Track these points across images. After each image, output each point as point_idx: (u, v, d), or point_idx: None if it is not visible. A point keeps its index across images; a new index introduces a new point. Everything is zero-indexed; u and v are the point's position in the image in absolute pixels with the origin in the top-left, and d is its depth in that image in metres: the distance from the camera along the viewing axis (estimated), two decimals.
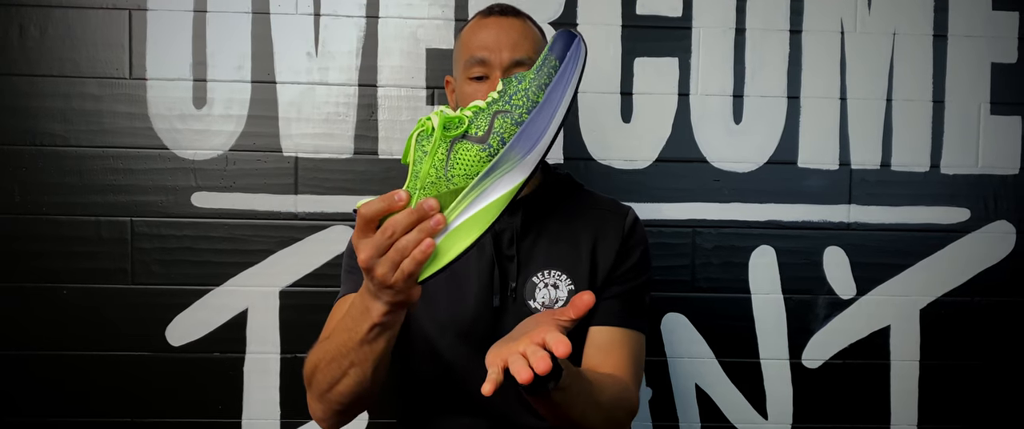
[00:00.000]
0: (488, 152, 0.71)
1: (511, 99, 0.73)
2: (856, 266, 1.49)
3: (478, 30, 1.06)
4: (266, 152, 1.42)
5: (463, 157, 0.71)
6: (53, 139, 1.39)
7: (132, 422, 1.42)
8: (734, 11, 1.46)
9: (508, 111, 0.72)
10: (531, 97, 0.73)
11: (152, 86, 1.40)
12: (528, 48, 1.05)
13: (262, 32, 1.41)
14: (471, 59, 1.04)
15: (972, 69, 1.49)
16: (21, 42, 1.38)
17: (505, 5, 1.09)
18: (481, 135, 0.72)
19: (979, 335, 1.51)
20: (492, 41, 1.03)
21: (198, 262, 1.41)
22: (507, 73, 1.02)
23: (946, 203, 1.49)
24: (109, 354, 1.41)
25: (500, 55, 1.02)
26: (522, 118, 0.72)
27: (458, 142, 0.72)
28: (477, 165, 0.71)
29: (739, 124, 1.47)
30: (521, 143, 0.72)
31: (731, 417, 1.49)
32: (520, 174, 0.72)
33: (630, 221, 1.10)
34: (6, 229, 1.39)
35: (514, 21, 1.06)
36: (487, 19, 1.07)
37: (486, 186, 0.72)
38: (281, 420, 1.43)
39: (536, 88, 0.73)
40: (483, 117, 0.73)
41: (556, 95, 0.73)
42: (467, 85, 1.05)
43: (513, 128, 0.72)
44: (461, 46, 1.08)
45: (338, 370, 0.87)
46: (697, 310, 1.48)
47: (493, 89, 1.00)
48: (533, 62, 1.04)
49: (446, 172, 0.72)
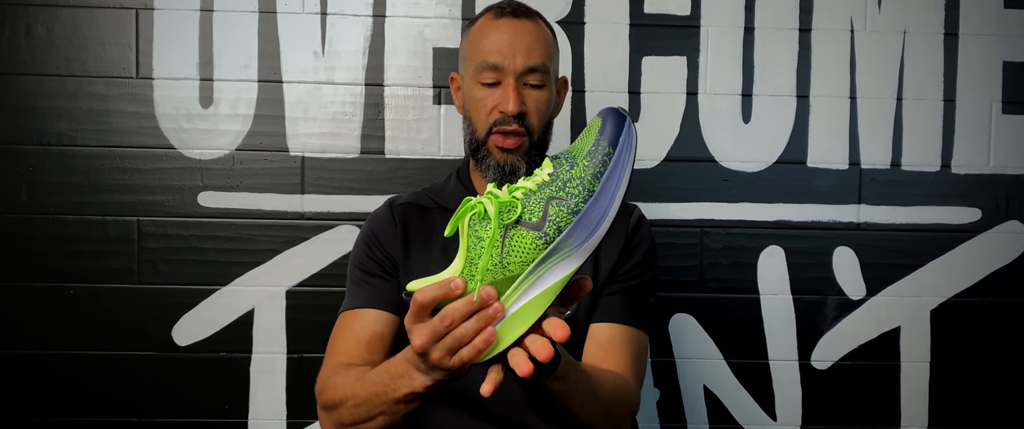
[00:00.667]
0: (544, 240, 0.71)
1: (565, 187, 0.71)
2: (866, 266, 1.47)
3: (490, 31, 1.03)
4: (273, 152, 1.41)
5: (519, 244, 0.70)
6: (60, 139, 1.39)
7: (138, 422, 1.42)
8: (743, 9, 1.45)
9: (563, 199, 0.71)
10: (586, 186, 0.71)
11: (159, 85, 1.40)
12: (541, 53, 1.03)
13: (269, 31, 1.40)
14: (483, 64, 1.02)
15: (983, 68, 1.47)
16: (28, 41, 1.38)
17: (517, 4, 1.06)
18: (536, 222, 0.71)
19: (990, 336, 1.50)
20: (506, 46, 1.01)
21: (205, 262, 1.41)
22: (520, 79, 1.01)
23: (957, 203, 1.48)
24: (115, 354, 1.41)
25: (514, 61, 1.01)
26: (578, 207, 0.71)
27: (512, 228, 0.71)
28: (533, 252, 0.70)
29: (748, 123, 1.46)
30: (578, 232, 0.71)
31: (739, 418, 1.48)
32: (577, 260, 0.71)
33: (635, 219, 1.09)
34: (13, 229, 1.39)
35: (527, 24, 1.03)
36: (499, 20, 1.03)
37: (542, 272, 0.71)
38: (287, 420, 1.43)
39: (591, 177, 0.72)
40: (536, 202, 0.72)
41: (611, 184, 0.72)
42: (477, 89, 1.03)
43: (569, 217, 0.71)
44: (470, 46, 1.05)
45: (365, 414, 0.86)
46: (705, 311, 1.47)
47: (508, 98, 1.00)
48: (546, 68, 1.03)
49: (502, 259, 0.71)
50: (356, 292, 1.05)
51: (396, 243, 1.05)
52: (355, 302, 1.04)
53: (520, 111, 1.01)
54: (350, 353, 0.99)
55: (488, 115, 1.03)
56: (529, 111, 1.02)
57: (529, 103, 1.02)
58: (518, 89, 1.01)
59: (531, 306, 0.70)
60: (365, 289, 1.03)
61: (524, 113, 1.01)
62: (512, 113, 1.00)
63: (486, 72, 1.01)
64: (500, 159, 1.03)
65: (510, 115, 1.01)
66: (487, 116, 1.03)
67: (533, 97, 1.03)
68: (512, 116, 1.01)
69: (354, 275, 1.07)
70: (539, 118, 1.04)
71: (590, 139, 0.74)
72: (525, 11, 1.05)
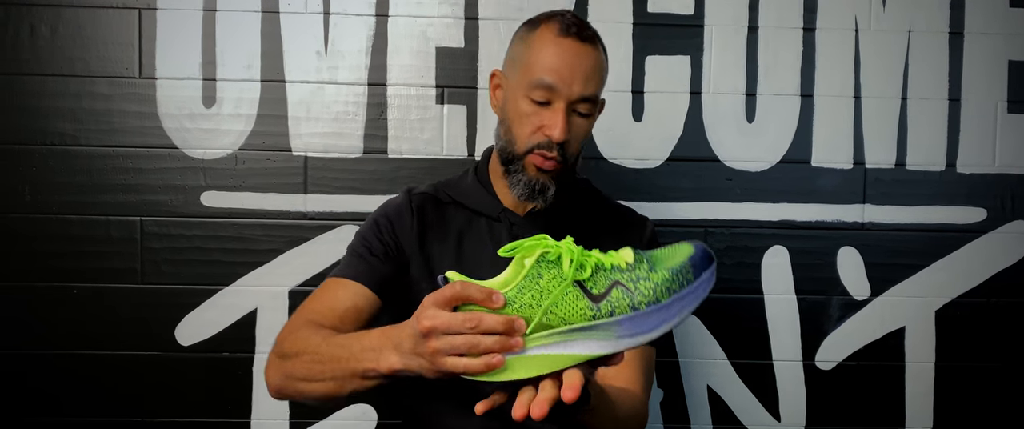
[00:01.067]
0: (594, 313, 0.70)
1: (637, 283, 0.71)
2: (870, 266, 1.47)
3: (550, 49, 0.99)
4: (276, 151, 1.41)
5: (570, 304, 0.70)
6: (63, 138, 1.39)
7: (141, 422, 1.42)
8: (747, 9, 1.45)
9: (630, 290, 0.71)
10: (657, 294, 0.71)
11: (162, 85, 1.40)
12: (597, 83, 1.01)
13: (272, 31, 1.40)
14: (539, 82, 0.98)
15: (989, 67, 1.47)
16: (32, 41, 1.38)
17: (582, 24, 1.01)
18: (595, 293, 0.71)
19: (996, 337, 1.49)
20: (566, 70, 0.97)
21: (207, 262, 1.41)
22: (571, 106, 0.99)
23: (962, 203, 1.47)
24: (118, 353, 1.41)
25: (570, 88, 0.98)
26: (639, 305, 0.70)
27: (572, 287, 0.71)
28: (578, 318, 0.70)
29: (752, 123, 1.46)
30: (626, 326, 0.71)
31: (743, 419, 1.48)
32: (610, 348, 0.71)
33: (648, 233, 1.10)
34: (17, 229, 1.39)
35: (590, 51, 1.00)
36: (564, 39, 0.99)
37: (574, 338, 0.70)
38: (290, 420, 1.43)
39: (665, 288, 0.71)
40: (603, 277, 0.72)
41: (677, 306, 0.71)
42: (526, 104, 1.00)
43: (627, 309, 0.70)
44: (529, 54, 1.00)
45: (319, 374, 0.86)
46: (709, 311, 1.46)
47: (556, 125, 0.98)
48: (596, 99, 1.01)
49: (545, 303, 0.70)
50: (351, 263, 1.04)
51: (409, 233, 1.04)
52: (347, 272, 1.03)
53: (564, 139, 0.99)
54: (322, 315, 0.98)
55: (532, 135, 1.01)
56: (570, 140, 1.01)
57: (574, 131, 1.01)
58: (567, 116, 0.99)
59: (547, 361, 0.70)
60: (361, 264, 1.03)
61: (566, 141, 1.00)
62: (558, 141, 0.99)
63: (539, 90, 0.99)
64: (533, 177, 1.02)
65: (555, 142, 0.99)
66: (531, 135, 1.01)
67: (578, 125, 1.02)
68: (555, 143, 0.99)
69: (356, 246, 1.06)
70: (576, 146, 1.04)
71: (678, 258, 0.74)
72: (590, 35, 1.01)
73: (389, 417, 1.44)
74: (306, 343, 0.90)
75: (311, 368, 0.87)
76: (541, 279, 0.70)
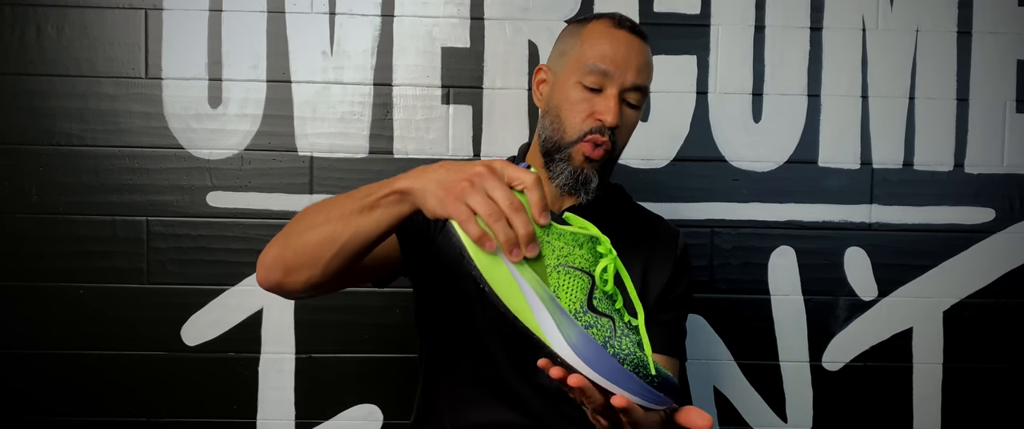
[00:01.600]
0: (577, 311, 0.71)
1: (626, 336, 0.72)
2: (878, 267, 1.46)
3: (607, 38, 1.00)
4: (281, 152, 1.41)
5: (574, 285, 0.71)
6: (69, 139, 1.39)
7: (147, 421, 1.42)
8: (753, 8, 1.44)
9: (615, 333, 0.71)
10: (625, 358, 0.71)
11: (168, 85, 1.40)
12: (648, 76, 1.02)
13: (277, 31, 1.40)
14: (593, 67, 0.99)
15: (997, 66, 1.46)
16: (38, 42, 1.38)
17: (633, 22, 1.04)
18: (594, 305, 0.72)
19: (1005, 338, 1.48)
20: (621, 58, 0.99)
21: (213, 262, 1.41)
22: (623, 94, 1.00)
23: (970, 203, 1.47)
24: (124, 353, 1.41)
25: (625, 75, 0.99)
26: (609, 347, 0.70)
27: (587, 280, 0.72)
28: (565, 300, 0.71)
29: (758, 123, 1.45)
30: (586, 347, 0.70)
31: (750, 420, 1.47)
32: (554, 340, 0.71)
33: (681, 247, 1.10)
34: (23, 228, 1.39)
35: (643, 46, 1.02)
36: (618, 31, 1.01)
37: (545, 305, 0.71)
38: (296, 420, 1.43)
39: (633, 363, 0.71)
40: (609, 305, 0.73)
41: (624, 380, 0.70)
42: (577, 90, 1.00)
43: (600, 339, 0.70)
44: (581, 45, 1.02)
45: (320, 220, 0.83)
46: (715, 311, 1.46)
47: (609, 109, 0.98)
48: (647, 91, 1.02)
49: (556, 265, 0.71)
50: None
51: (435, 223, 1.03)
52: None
53: (615, 125, 0.99)
54: None
55: (584, 120, 1.00)
56: (621, 128, 1.01)
57: (624, 119, 1.01)
58: (619, 102, 1.00)
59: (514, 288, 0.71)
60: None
61: (616, 128, 1.00)
62: (611, 125, 0.99)
63: (593, 75, 0.99)
64: (579, 166, 1.01)
65: (607, 127, 0.99)
66: (583, 121, 1.00)
67: (627, 115, 1.02)
68: (608, 128, 0.99)
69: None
70: (624, 138, 1.04)
71: (662, 367, 0.74)
72: (641, 32, 1.03)
73: (395, 417, 1.43)
74: (306, 210, 0.88)
75: (313, 217, 0.84)
76: (579, 248, 0.72)
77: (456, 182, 0.71)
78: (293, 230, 0.87)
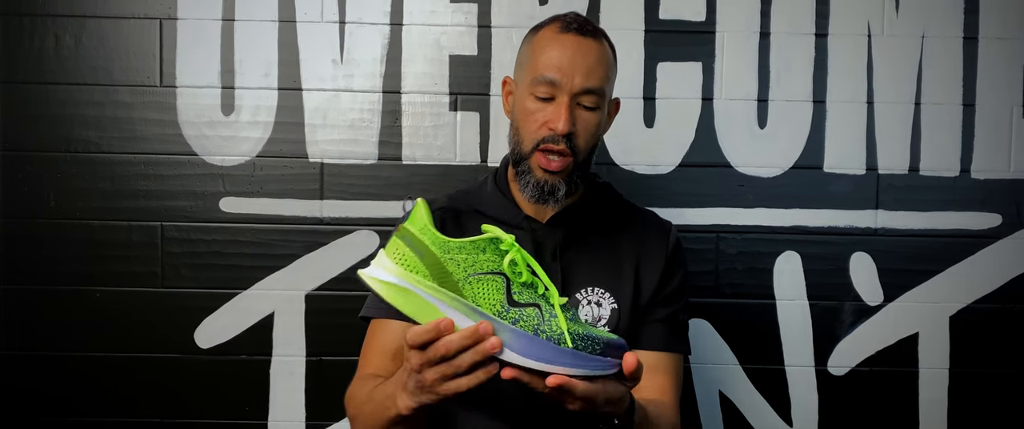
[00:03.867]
0: (501, 311, 0.74)
1: (554, 318, 0.74)
2: (884, 272, 1.47)
3: (552, 46, 1.00)
4: (292, 158, 1.44)
5: (488, 288, 0.74)
6: (87, 146, 1.43)
7: (161, 422, 1.45)
8: (758, 15, 1.45)
9: (543, 317, 0.74)
10: (562, 337, 0.73)
11: (182, 94, 1.43)
12: (601, 76, 1.00)
13: (288, 40, 1.43)
14: (540, 78, 0.99)
15: (1004, 71, 1.46)
16: (57, 51, 1.42)
17: (584, 21, 1.03)
18: (515, 300, 0.74)
19: (1011, 343, 1.48)
20: (566, 63, 0.98)
21: (226, 266, 1.44)
22: (574, 99, 0.99)
23: (977, 208, 1.47)
24: (139, 356, 1.45)
25: (572, 81, 0.98)
26: (541, 333, 0.73)
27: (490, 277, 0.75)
28: (486, 305, 0.74)
29: (764, 128, 1.46)
30: (519, 340, 0.73)
31: (755, 424, 1.48)
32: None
33: (673, 240, 1.10)
34: (42, 233, 1.43)
35: (592, 44, 1.00)
36: (565, 35, 1.00)
37: (468, 316, 0.73)
38: (306, 422, 1.45)
39: (573, 337, 0.74)
40: (531, 295, 0.75)
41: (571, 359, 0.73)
42: (530, 101, 1.01)
43: (529, 329, 0.73)
44: (531, 55, 1.03)
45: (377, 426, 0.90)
46: (721, 316, 1.47)
47: (560, 117, 0.98)
48: (602, 92, 1.01)
49: (466, 277, 0.74)
50: (379, 302, 1.06)
51: None
52: (379, 311, 1.06)
53: (569, 131, 0.99)
54: (378, 365, 1.02)
55: (537, 130, 1.01)
56: (578, 132, 1.01)
57: (579, 124, 1.00)
58: (571, 108, 0.99)
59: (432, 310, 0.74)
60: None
61: (573, 134, 1.00)
62: (561, 132, 0.99)
63: (542, 86, 0.99)
64: (541, 178, 1.02)
65: (559, 134, 0.99)
66: (536, 131, 1.01)
67: (584, 119, 1.01)
68: (561, 136, 0.99)
69: None
70: (586, 140, 1.02)
71: (602, 333, 0.76)
72: (591, 29, 1.02)
73: None
74: (358, 403, 0.96)
75: (365, 425, 0.93)
76: (482, 254, 0.74)
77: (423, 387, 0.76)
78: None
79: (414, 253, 0.74)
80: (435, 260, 0.74)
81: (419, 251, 0.74)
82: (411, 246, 0.75)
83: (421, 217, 0.76)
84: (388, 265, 0.75)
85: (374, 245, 1.44)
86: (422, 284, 0.74)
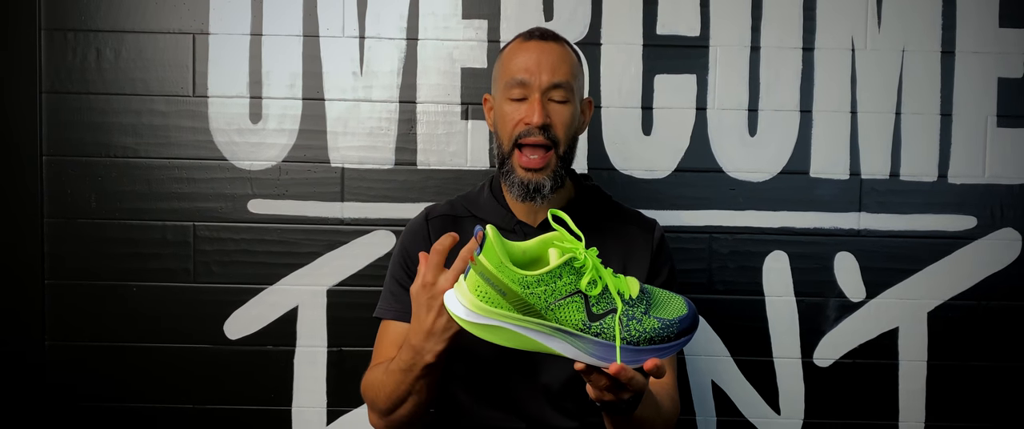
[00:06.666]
0: (584, 327, 0.79)
1: (630, 321, 0.80)
2: (866, 270, 1.54)
3: (518, 53, 1.09)
4: (315, 163, 1.53)
5: (570, 310, 0.79)
6: (125, 151, 1.53)
7: (193, 408, 1.55)
8: (749, 30, 1.53)
9: (622, 325, 0.80)
10: (639, 339, 0.79)
11: (213, 103, 1.52)
12: (566, 72, 1.09)
13: (312, 53, 1.53)
14: (512, 81, 1.08)
15: (979, 83, 1.53)
16: (98, 64, 1.52)
17: (544, 29, 1.13)
18: (594, 312, 0.80)
19: (985, 337, 1.56)
20: (533, 64, 1.07)
21: (254, 263, 1.53)
22: (545, 95, 1.08)
23: (953, 211, 1.54)
24: (173, 346, 1.54)
25: (540, 78, 1.07)
26: (623, 341, 0.79)
27: (575, 297, 0.80)
28: (570, 325, 0.79)
29: (754, 136, 1.54)
30: (602, 350, 0.79)
31: (746, 412, 1.56)
32: (577, 356, 0.80)
33: (657, 237, 1.17)
34: (84, 232, 1.53)
35: (553, 46, 1.10)
36: (528, 43, 1.10)
37: (556, 337, 0.80)
38: (327, 408, 1.55)
39: (647, 338, 0.80)
40: (606, 300, 0.80)
41: (647, 355, 0.80)
42: (507, 104, 1.09)
43: (610, 338, 0.79)
44: (501, 67, 1.12)
45: (398, 398, 1.00)
46: (713, 311, 1.55)
47: (533, 111, 1.06)
48: (570, 86, 1.09)
49: (548, 306, 0.79)
50: (390, 302, 1.14)
51: None
52: (389, 313, 1.14)
53: (545, 123, 1.06)
54: (388, 358, 1.08)
55: (514, 128, 1.08)
56: (554, 124, 1.07)
57: (554, 116, 1.08)
58: (543, 103, 1.07)
59: (528, 342, 0.81)
60: (397, 302, 1.13)
61: (549, 125, 1.07)
62: (536, 124, 1.06)
63: (514, 88, 1.08)
64: (523, 177, 1.09)
65: (535, 126, 1.06)
66: (513, 129, 1.08)
67: (558, 111, 1.08)
68: (537, 128, 1.06)
69: (390, 284, 1.16)
70: (564, 131, 1.09)
71: (671, 311, 0.82)
72: (552, 35, 1.12)
73: None
74: (375, 386, 1.05)
75: (390, 397, 1.01)
76: (560, 280, 0.79)
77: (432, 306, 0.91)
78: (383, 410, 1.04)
79: (496, 292, 0.80)
80: (517, 297, 0.79)
81: (500, 290, 0.79)
82: (492, 284, 0.80)
83: (495, 253, 0.79)
84: (473, 301, 0.81)
85: (391, 244, 1.52)
86: (509, 318, 0.80)
